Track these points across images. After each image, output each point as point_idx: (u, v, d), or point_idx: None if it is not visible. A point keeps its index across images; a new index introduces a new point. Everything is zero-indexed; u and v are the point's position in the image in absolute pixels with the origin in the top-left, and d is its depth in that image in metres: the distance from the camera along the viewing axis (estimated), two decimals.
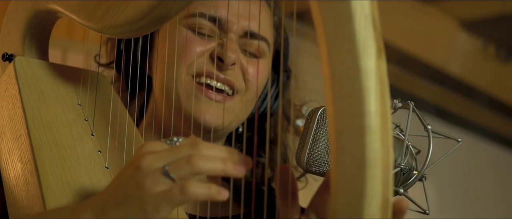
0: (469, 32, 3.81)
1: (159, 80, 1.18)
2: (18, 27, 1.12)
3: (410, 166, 1.06)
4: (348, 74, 0.74)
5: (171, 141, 0.84)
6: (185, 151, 0.81)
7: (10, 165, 1.01)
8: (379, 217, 0.72)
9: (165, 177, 0.80)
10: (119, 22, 0.96)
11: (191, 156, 0.80)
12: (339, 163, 0.73)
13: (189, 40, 1.14)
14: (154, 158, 0.81)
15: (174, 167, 0.80)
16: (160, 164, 0.81)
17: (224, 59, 1.13)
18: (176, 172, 0.80)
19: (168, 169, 0.80)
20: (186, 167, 0.80)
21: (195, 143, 0.82)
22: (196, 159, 0.80)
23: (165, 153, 0.82)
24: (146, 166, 0.81)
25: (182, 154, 0.81)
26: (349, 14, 0.74)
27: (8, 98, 1.06)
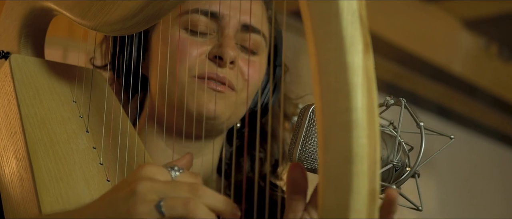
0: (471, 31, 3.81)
1: (156, 82, 1.18)
2: (14, 25, 1.13)
3: (403, 163, 1.06)
4: (335, 69, 0.74)
5: (173, 170, 0.84)
6: (185, 191, 0.81)
7: (5, 162, 1.02)
8: (366, 212, 0.73)
9: (157, 210, 0.79)
10: (112, 19, 0.97)
11: (188, 200, 0.80)
12: (326, 158, 0.74)
13: (184, 42, 1.14)
14: (152, 187, 0.81)
15: (169, 204, 0.80)
16: (155, 196, 0.80)
17: (222, 56, 1.13)
18: (170, 210, 0.79)
19: (162, 204, 0.79)
20: (180, 209, 0.79)
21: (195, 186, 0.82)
22: (192, 205, 0.80)
23: (164, 186, 0.81)
24: (141, 193, 0.80)
25: (181, 194, 0.81)
26: (336, 10, 0.75)
27: (3, 95, 1.07)
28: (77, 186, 0.96)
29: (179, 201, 0.80)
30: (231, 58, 1.14)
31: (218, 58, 1.14)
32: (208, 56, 1.14)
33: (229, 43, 1.14)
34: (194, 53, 1.14)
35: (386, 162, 1.03)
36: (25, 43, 1.13)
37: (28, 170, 0.96)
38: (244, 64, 1.17)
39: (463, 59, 3.83)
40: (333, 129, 0.74)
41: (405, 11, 3.54)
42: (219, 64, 1.14)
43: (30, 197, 0.94)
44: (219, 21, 1.16)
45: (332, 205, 0.74)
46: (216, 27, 1.17)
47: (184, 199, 0.80)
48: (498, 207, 4.41)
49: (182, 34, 1.15)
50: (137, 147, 1.07)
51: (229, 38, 1.15)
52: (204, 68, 1.14)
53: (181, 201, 0.80)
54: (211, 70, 1.13)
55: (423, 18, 3.62)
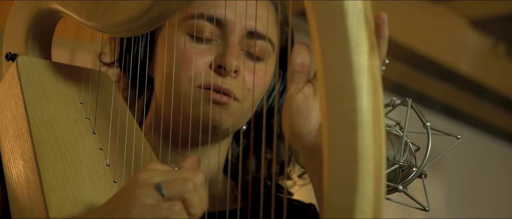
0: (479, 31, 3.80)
1: (159, 86, 1.18)
2: (21, 27, 1.13)
3: (409, 163, 1.06)
4: (340, 69, 0.74)
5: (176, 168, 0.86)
6: (185, 174, 0.83)
7: (12, 163, 1.02)
8: (372, 212, 0.73)
9: (156, 191, 0.81)
10: (119, 21, 0.97)
11: (188, 179, 0.82)
12: (331, 158, 0.74)
13: (189, 52, 1.14)
14: (152, 173, 0.84)
15: (169, 184, 0.82)
16: (155, 180, 0.82)
17: (225, 66, 1.13)
18: (169, 189, 0.81)
19: (162, 184, 0.81)
20: (180, 187, 0.81)
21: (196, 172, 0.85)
22: (191, 184, 0.82)
23: (164, 172, 0.84)
24: (142, 179, 0.83)
25: (181, 176, 0.83)
26: (341, 10, 0.75)
27: (10, 97, 1.07)
28: (83, 188, 0.96)
29: (178, 180, 0.82)
30: (234, 67, 1.13)
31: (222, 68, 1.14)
32: (211, 66, 1.14)
33: (232, 52, 1.13)
34: (198, 63, 1.13)
35: (393, 162, 1.03)
36: (32, 45, 1.13)
37: (35, 171, 0.96)
38: (248, 73, 1.16)
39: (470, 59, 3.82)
40: (338, 129, 0.74)
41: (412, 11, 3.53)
42: (223, 73, 1.13)
43: (37, 198, 0.94)
44: (224, 27, 1.15)
45: (337, 204, 0.74)
46: (221, 33, 1.16)
47: (184, 178, 0.82)
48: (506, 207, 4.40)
49: (187, 42, 1.15)
50: (143, 148, 1.07)
51: (233, 47, 1.14)
52: (208, 79, 1.13)
53: (180, 180, 0.82)
54: (215, 80, 1.13)
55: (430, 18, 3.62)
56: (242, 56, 1.16)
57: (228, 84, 1.13)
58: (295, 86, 0.95)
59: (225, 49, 1.14)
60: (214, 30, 1.15)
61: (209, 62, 1.14)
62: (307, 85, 0.96)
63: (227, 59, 1.12)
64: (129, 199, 0.82)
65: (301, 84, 0.96)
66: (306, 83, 0.96)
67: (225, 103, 1.13)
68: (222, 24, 1.15)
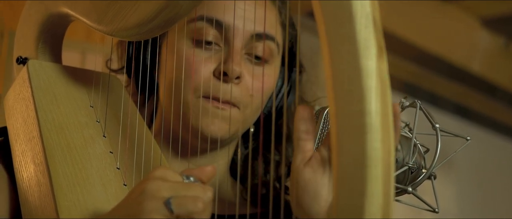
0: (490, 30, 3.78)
1: (164, 92, 1.19)
2: (31, 31, 1.14)
3: (419, 165, 1.06)
4: (349, 73, 0.75)
5: (187, 178, 0.86)
6: (195, 191, 0.83)
7: (23, 166, 1.03)
8: (381, 215, 0.73)
9: (164, 207, 0.81)
10: (128, 24, 0.98)
11: (198, 199, 0.81)
12: (340, 161, 0.74)
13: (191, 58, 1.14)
14: (162, 186, 0.82)
15: (179, 201, 0.81)
16: (165, 194, 0.81)
17: (228, 72, 1.13)
18: (179, 207, 0.81)
19: (172, 201, 0.81)
20: (190, 206, 0.81)
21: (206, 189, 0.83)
22: (201, 204, 0.81)
23: (175, 185, 0.83)
24: (151, 190, 0.82)
25: (191, 193, 0.82)
26: (349, 14, 0.75)
27: (21, 101, 1.08)
28: (94, 191, 0.97)
29: (189, 198, 0.81)
30: (236, 74, 1.13)
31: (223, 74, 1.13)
32: (213, 73, 1.14)
33: (234, 58, 1.13)
34: (200, 72, 1.14)
35: (402, 164, 1.04)
36: (43, 49, 1.14)
37: (45, 175, 0.97)
38: (251, 78, 1.16)
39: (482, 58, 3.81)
40: (347, 132, 0.74)
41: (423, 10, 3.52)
42: (225, 80, 1.13)
43: (47, 201, 0.95)
44: (227, 31, 1.15)
45: (347, 207, 0.74)
46: (225, 37, 1.16)
47: (194, 197, 0.81)
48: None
49: (189, 49, 1.15)
50: (153, 151, 1.07)
51: (236, 53, 1.14)
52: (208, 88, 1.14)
53: (191, 199, 0.81)
54: (216, 89, 1.13)
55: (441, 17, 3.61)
56: (245, 61, 1.16)
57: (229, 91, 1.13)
58: (301, 156, 0.91)
59: (228, 55, 1.14)
60: (217, 34, 1.15)
61: (212, 69, 1.14)
62: (315, 156, 0.92)
63: (230, 66, 1.12)
64: (138, 212, 0.81)
65: (307, 153, 0.92)
66: (314, 153, 0.92)
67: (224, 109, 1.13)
68: (225, 28, 1.15)
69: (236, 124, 1.16)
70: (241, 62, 1.15)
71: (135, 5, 0.96)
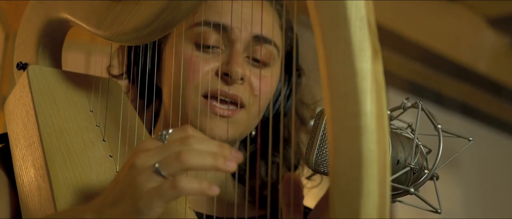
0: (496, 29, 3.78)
1: (168, 95, 1.19)
2: (31, 36, 1.15)
3: (421, 166, 1.06)
4: (344, 75, 0.75)
5: (161, 135, 0.86)
6: (176, 147, 0.83)
7: (23, 171, 1.03)
8: (376, 217, 0.73)
9: (156, 174, 0.82)
10: (127, 29, 0.98)
11: (180, 152, 0.82)
12: (336, 163, 0.75)
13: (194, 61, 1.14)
14: (146, 156, 0.84)
15: (165, 164, 0.82)
16: (151, 162, 0.83)
17: (230, 74, 1.13)
18: (166, 169, 0.82)
19: (158, 166, 0.82)
20: (175, 163, 0.82)
21: (185, 138, 0.84)
22: (186, 155, 0.82)
23: (156, 151, 0.84)
24: (138, 164, 0.83)
25: (172, 151, 0.83)
26: (344, 16, 0.75)
27: (22, 106, 1.09)
28: (94, 195, 0.97)
29: (171, 156, 0.82)
30: (240, 75, 1.14)
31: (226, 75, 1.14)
32: (217, 73, 1.15)
33: (237, 60, 1.14)
34: (204, 70, 1.14)
35: (404, 165, 1.03)
36: (43, 54, 1.15)
37: (46, 179, 0.97)
38: (255, 78, 1.17)
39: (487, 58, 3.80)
40: (343, 134, 0.75)
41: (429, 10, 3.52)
42: (229, 82, 1.14)
43: (47, 205, 0.95)
44: (229, 34, 1.16)
45: (343, 209, 0.74)
46: (226, 40, 1.16)
47: (175, 153, 0.82)
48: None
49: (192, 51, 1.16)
50: None
51: (238, 55, 1.15)
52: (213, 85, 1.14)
53: (173, 156, 0.82)
54: (221, 87, 1.14)
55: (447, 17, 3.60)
56: (247, 63, 1.16)
57: (235, 90, 1.14)
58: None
59: (230, 57, 1.14)
60: (219, 38, 1.16)
61: (215, 69, 1.15)
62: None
63: (233, 67, 1.13)
64: (133, 187, 0.82)
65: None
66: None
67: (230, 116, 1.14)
68: (227, 31, 1.16)
69: (241, 126, 1.17)
70: (244, 64, 1.15)
71: (133, 9, 0.97)
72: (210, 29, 1.15)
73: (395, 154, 1.01)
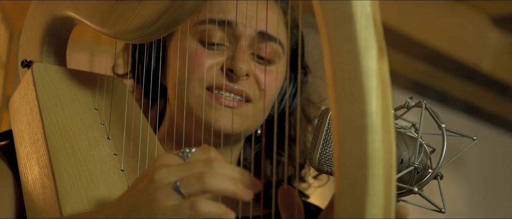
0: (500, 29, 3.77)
1: (173, 92, 1.19)
2: (36, 34, 1.15)
3: (425, 165, 1.06)
4: (349, 74, 0.75)
5: (184, 153, 0.85)
6: (198, 167, 0.82)
7: (28, 169, 1.03)
8: (382, 216, 0.73)
9: (175, 192, 0.81)
10: (131, 27, 0.98)
11: (202, 174, 0.81)
12: (342, 161, 0.74)
13: (199, 54, 1.15)
14: (167, 172, 0.82)
15: (185, 183, 0.81)
16: (172, 179, 0.82)
17: (235, 70, 1.13)
18: (187, 189, 0.81)
19: (179, 184, 0.81)
20: (196, 184, 0.81)
21: (208, 160, 0.83)
22: (208, 177, 0.81)
23: (178, 168, 0.83)
24: (158, 179, 0.82)
25: (194, 171, 0.82)
26: (350, 15, 0.75)
27: (26, 104, 1.09)
28: (98, 193, 0.97)
29: (193, 177, 0.81)
30: (243, 72, 1.14)
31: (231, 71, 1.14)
32: (222, 69, 1.15)
33: (242, 56, 1.14)
34: (208, 64, 1.14)
35: (408, 164, 1.03)
36: (47, 52, 1.15)
37: (50, 177, 0.97)
38: (260, 73, 1.16)
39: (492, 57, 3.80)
40: (348, 133, 0.74)
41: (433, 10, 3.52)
42: (233, 78, 1.14)
43: (52, 203, 0.95)
44: (234, 30, 1.16)
45: (348, 208, 0.74)
46: (231, 37, 1.16)
47: (198, 173, 0.81)
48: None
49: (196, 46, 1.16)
50: (157, 153, 1.07)
51: (242, 51, 1.15)
52: (218, 80, 1.14)
53: (195, 177, 0.81)
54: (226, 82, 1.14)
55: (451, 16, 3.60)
56: (252, 60, 1.16)
57: (240, 85, 1.14)
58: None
59: (235, 53, 1.14)
60: (224, 35, 1.16)
61: (220, 63, 1.15)
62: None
63: (237, 64, 1.13)
64: (151, 201, 0.81)
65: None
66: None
67: (236, 108, 1.14)
68: (232, 27, 1.16)
69: (248, 119, 1.17)
70: (249, 60, 1.16)
71: (138, 7, 0.97)
72: (215, 27, 1.16)
73: (398, 153, 1.01)
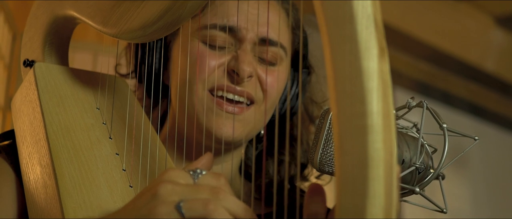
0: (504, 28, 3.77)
1: (175, 92, 1.19)
2: (38, 34, 1.15)
3: (426, 165, 1.05)
4: (350, 74, 0.74)
5: (195, 173, 0.85)
6: (205, 193, 0.82)
7: (30, 169, 1.03)
8: (383, 217, 0.73)
9: (177, 211, 0.80)
10: (133, 27, 0.98)
11: (209, 202, 0.80)
12: (342, 162, 0.74)
13: (203, 55, 1.15)
14: (173, 189, 0.82)
15: (189, 206, 0.80)
16: (176, 198, 0.81)
17: (238, 72, 1.13)
18: (189, 211, 0.80)
19: (182, 205, 0.80)
20: (200, 210, 0.80)
21: (216, 189, 0.82)
22: (212, 206, 0.80)
23: (185, 189, 0.82)
24: (162, 195, 0.82)
25: (200, 196, 0.81)
26: (350, 15, 0.75)
27: (28, 103, 1.09)
28: (100, 192, 0.97)
29: (199, 202, 0.81)
30: (247, 73, 1.14)
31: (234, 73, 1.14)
32: (225, 69, 1.15)
33: (244, 58, 1.14)
34: (211, 65, 1.15)
35: (409, 164, 1.03)
36: (49, 51, 1.15)
37: (52, 177, 0.97)
38: (263, 73, 1.17)
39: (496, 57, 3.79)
40: (349, 134, 0.74)
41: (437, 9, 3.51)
42: (236, 80, 1.14)
43: (53, 203, 0.95)
44: (236, 34, 1.16)
45: (349, 208, 0.74)
46: (234, 41, 1.17)
47: (204, 200, 0.81)
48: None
49: (201, 47, 1.16)
50: (159, 152, 1.07)
51: (245, 53, 1.15)
52: (221, 81, 1.14)
53: (201, 202, 0.81)
54: (229, 83, 1.14)
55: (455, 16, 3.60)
56: (255, 61, 1.16)
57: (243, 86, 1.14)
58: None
59: (238, 55, 1.14)
60: (227, 38, 1.16)
61: (223, 65, 1.15)
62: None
63: (241, 66, 1.13)
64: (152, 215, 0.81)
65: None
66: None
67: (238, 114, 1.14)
68: (234, 32, 1.16)
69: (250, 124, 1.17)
70: (252, 61, 1.16)
71: (139, 7, 0.97)
72: (218, 32, 1.16)
73: (400, 153, 1.01)
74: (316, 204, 0.89)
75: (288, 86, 1.24)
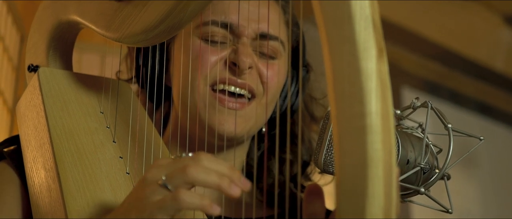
0: None
1: (177, 91, 1.20)
2: (42, 39, 1.16)
3: (431, 165, 1.05)
4: (349, 75, 0.75)
5: (177, 157, 0.87)
6: (185, 162, 0.84)
7: (34, 172, 1.04)
8: (382, 217, 0.73)
9: (162, 187, 0.83)
10: (135, 31, 0.99)
11: (186, 166, 0.83)
12: (342, 162, 0.74)
13: (203, 51, 1.16)
14: (157, 170, 0.85)
15: (171, 177, 0.83)
16: (160, 176, 0.84)
17: (238, 64, 1.14)
18: (172, 182, 0.83)
19: (165, 179, 0.83)
20: (180, 176, 0.83)
21: (196, 156, 0.85)
22: (191, 168, 0.82)
23: (166, 166, 0.85)
24: (148, 178, 0.85)
25: (179, 165, 0.84)
26: (349, 15, 0.75)
27: (32, 108, 1.10)
28: (104, 196, 0.98)
29: (178, 170, 0.83)
30: (247, 65, 1.15)
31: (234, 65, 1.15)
32: (225, 64, 1.16)
33: (244, 50, 1.15)
34: (212, 60, 1.16)
35: (414, 164, 1.03)
36: (53, 56, 1.16)
37: (56, 180, 0.98)
38: (263, 66, 1.18)
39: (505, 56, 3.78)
40: (348, 134, 0.74)
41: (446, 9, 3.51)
42: (237, 72, 1.15)
43: (58, 207, 0.96)
44: (235, 30, 1.17)
45: (348, 208, 0.74)
46: (233, 37, 1.18)
47: (183, 166, 0.83)
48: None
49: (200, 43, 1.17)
50: (162, 154, 1.08)
51: (245, 45, 1.16)
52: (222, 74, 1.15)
53: (180, 169, 0.83)
54: (230, 76, 1.15)
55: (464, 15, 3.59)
56: (254, 55, 1.17)
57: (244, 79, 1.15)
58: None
59: (238, 48, 1.16)
60: (227, 35, 1.17)
61: (224, 58, 1.16)
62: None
63: (240, 57, 1.14)
64: (140, 199, 0.84)
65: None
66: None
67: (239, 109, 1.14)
68: (233, 28, 1.17)
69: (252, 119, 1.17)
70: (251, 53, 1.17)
71: (141, 11, 0.98)
72: (217, 28, 1.17)
73: (405, 153, 1.01)
74: (314, 205, 0.89)
75: (288, 83, 1.25)
